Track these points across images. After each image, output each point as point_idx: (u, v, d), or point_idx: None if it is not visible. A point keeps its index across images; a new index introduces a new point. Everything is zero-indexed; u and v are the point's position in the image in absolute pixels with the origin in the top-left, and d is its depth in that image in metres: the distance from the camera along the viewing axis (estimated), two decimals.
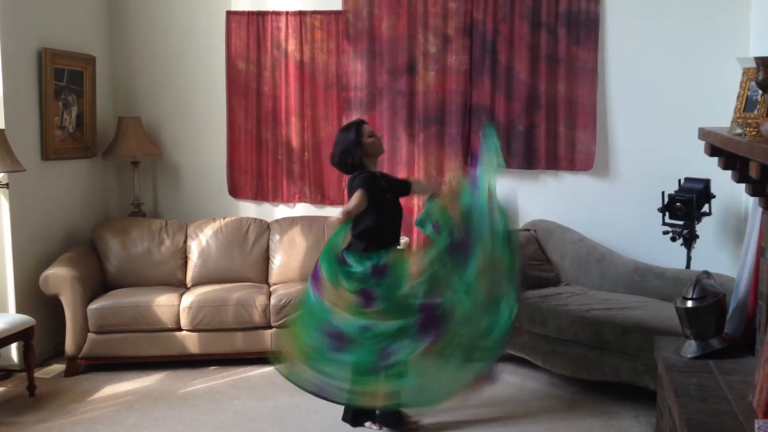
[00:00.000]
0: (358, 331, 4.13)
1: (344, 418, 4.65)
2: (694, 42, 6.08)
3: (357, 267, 4.27)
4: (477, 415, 4.79)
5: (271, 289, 5.90)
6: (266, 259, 6.21)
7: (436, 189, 5.06)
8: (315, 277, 4.25)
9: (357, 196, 4.34)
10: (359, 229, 4.42)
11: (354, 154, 4.50)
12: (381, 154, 4.68)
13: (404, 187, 4.81)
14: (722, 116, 4.76)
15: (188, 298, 5.62)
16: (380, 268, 4.26)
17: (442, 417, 4.72)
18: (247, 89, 6.52)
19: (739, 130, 3.45)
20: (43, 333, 5.52)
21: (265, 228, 6.28)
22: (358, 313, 4.16)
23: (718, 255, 5.93)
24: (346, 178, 6.12)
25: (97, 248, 6.04)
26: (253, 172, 6.61)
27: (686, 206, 5.56)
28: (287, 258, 6.16)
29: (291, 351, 4.32)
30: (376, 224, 4.42)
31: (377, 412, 4.61)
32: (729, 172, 3.66)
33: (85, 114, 6.22)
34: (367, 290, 4.21)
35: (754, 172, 2.98)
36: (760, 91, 3.49)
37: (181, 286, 6.00)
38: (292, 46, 6.44)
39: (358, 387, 4.19)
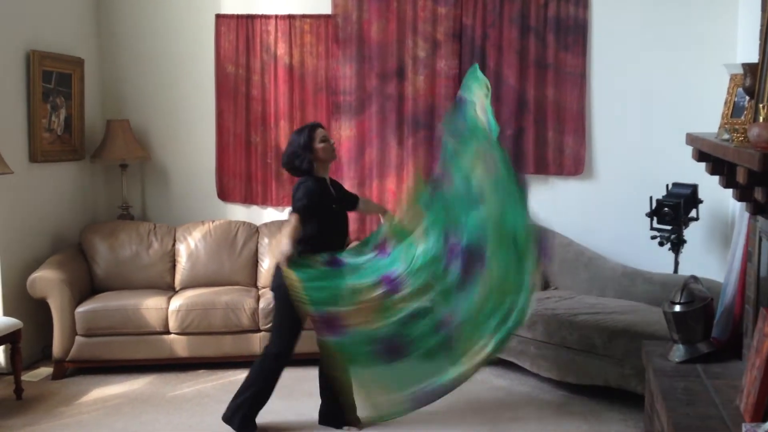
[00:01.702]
0: (400, 326, 3.93)
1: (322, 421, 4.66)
2: (682, 48, 6.12)
3: (358, 258, 4.12)
4: (465, 419, 4.80)
5: (260, 292, 5.89)
6: (255, 263, 6.20)
7: (386, 210, 4.94)
8: (320, 325, 4.03)
9: (292, 221, 4.27)
10: (300, 235, 4.33)
11: (303, 158, 4.38)
12: (333, 160, 4.57)
13: (351, 201, 4.74)
14: (710, 122, 4.79)
15: (176, 302, 5.60)
16: (381, 245, 4.10)
17: (429, 421, 4.72)
18: (236, 92, 6.51)
19: (726, 136, 3.47)
20: (30, 336, 5.49)
21: (254, 231, 6.27)
22: (390, 308, 3.95)
23: (706, 260, 5.97)
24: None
25: (85, 251, 6.02)
26: (242, 175, 6.60)
27: (674, 211, 5.59)
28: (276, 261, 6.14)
29: (364, 396, 4.11)
30: (318, 233, 4.35)
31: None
32: (716, 178, 3.69)
33: (73, 116, 6.20)
34: (386, 274, 4.02)
35: (741, 178, 3.00)
36: (747, 97, 3.52)
37: (169, 290, 5.99)
38: (281, 49, 6.44)
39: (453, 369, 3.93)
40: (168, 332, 5.56)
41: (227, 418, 4.52)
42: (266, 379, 4.51)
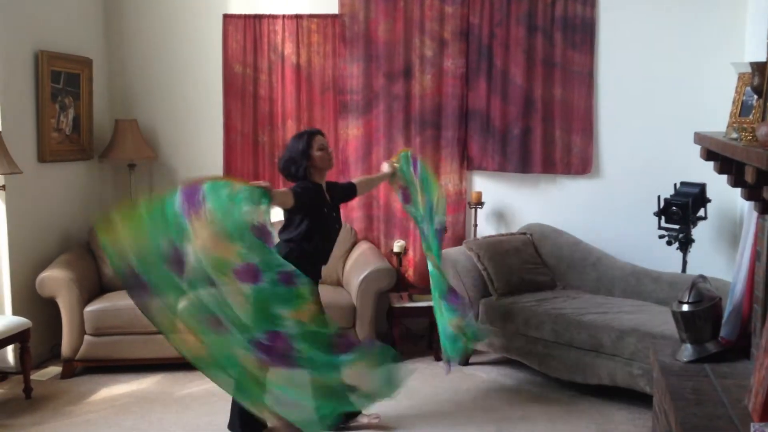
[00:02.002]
0: (201, 275, 3.62)
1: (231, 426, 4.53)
2: (690, 47, 6.11)
3: (275, 259, 3.86)
4: (473, 418, 4.80)
5: None
6: None
7: (387, 175, 4.87)
8: (191, 199, 3.60)
9: (284, 190, 4.24)
10: (289, 235, 4.35)
11: (299, 164, 4.40)
12: (330, 168, 4.58)
13: (350, 192, 4.78)
14: (718, 121, 4.77)
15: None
16: (288, 276, 3.82)
17: (437, 420, 4.73)
18: (243, 92, 6.52)
19: (734, 135, 3.46)
20: (39, 335, 5.51)
21: None
22: (222, 271, 3.66)
23: (714, 259, 5.96)
24: (342, 180, 6.12)
25: (93, 250, 6.04)
26: (250, 175, 6.59)
27: (682, 210, 5.58)
28: None
29: (120, 224, 3.59)
30: (307, 234, 4.35)
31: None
32: (724, 177, 3.67)
33: (81, 116, 6.22)
34: (258, 270, 3.73)
35: (749, 177, 2.99)
36: (756, 96, 3.51)
37: None
38: (288, 49, 6.45)
39: (174, 319, 3.69)
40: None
41: (231, 425, 4.50)
42: None
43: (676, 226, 5.65)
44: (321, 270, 4.55)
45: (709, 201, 5.68)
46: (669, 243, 5.68)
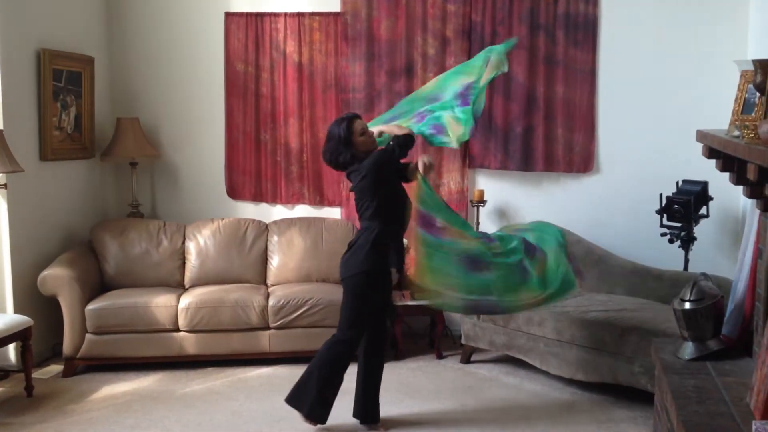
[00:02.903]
0: (489, 253, 4.40)
1: (356, 415, 4.61)
2: (693, 44, 6.09)
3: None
4: (474, 416, 4.80)
5: (269, 290, 5.90)
6: (264, 260, 6.21)
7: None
8: (427, 224, 4.34)
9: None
10: (372, 210, 4.32)
11: (344, 153, 4.34)
12: (375, 149, 4.45)
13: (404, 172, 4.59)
14: (720, 118, 4.77)
15: (186, 299, 5.62)
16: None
17: (439, 418, 4.73)
18: (245, 90, 6.52)
19: (737, 133, 3.46)
20: (40, 333, 5.52)
21: (263, 229, 6.28)
22: (483, 245, 4.46)
23: (716, 257, 5.95)
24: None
25: (95, 249, 6.04)
26: (252, 173, 6.61)
27: (684, 208, 5.57)
28: (285, 259, 6.16)
29: (432, 285, 4.46)
30: (391, 204, 4.34)
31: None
32: (727, 175, 3.67)
33: (83, 115, 6.22)
34: (485, 236, 4.62)
35: (751, 174, 2.98)
36: (758, 94, 3.50)
37: (179, 287, 6.00)
38: (290, 47, 6.45)
39: (511, 298, 4.42)
40: (177, 330, 5.58)
41: (295, 403, 4.47)
42: (333, 366, 4.42)
43: (678, 224, 5.63)
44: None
45: (711, 199, 5.67)
46: (671, 241, 5.67)
